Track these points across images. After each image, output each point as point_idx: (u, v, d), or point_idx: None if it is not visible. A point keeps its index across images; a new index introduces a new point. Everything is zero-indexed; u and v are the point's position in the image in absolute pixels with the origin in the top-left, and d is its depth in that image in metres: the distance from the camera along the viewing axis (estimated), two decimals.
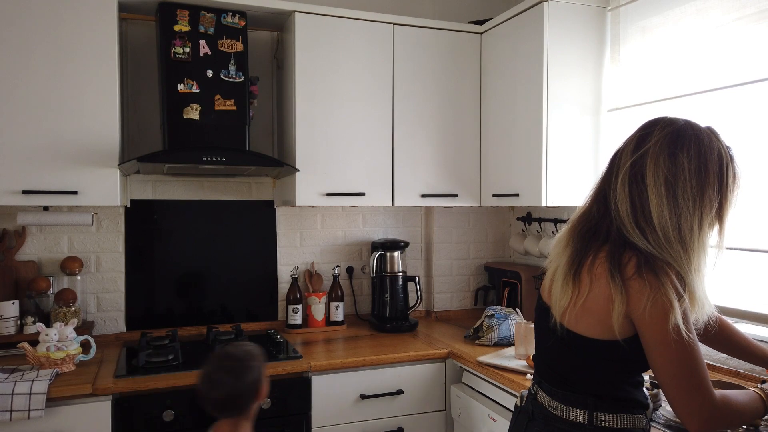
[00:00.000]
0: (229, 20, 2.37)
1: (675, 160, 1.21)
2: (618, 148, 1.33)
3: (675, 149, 1.21)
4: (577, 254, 1.28)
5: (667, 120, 1.28)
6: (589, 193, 1.36)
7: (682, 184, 1.20)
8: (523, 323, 2.21)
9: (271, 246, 2.82)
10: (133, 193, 2.61)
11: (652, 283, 1.17)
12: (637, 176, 1.23)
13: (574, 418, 1.29)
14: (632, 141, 1.28)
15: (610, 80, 2.41)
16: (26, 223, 2.32)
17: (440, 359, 2.39)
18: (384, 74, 2.59)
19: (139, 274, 2.61)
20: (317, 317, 2.76)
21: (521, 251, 2.93)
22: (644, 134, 1.27)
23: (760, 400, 1.28)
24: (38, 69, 2.10)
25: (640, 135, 1.28)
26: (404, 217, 3.08)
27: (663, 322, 1.16)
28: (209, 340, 2.40)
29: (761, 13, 1.85)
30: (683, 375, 1.17)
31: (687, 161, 1.21)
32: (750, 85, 1.88)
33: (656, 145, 1.23)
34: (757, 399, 1.28)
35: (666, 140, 1.23)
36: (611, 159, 1.33)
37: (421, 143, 2.67)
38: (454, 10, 3.05)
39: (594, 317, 1.24)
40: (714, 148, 1.24)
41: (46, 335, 2.03)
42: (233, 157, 2.23)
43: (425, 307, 3.11)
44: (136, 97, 2.57)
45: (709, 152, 1.23)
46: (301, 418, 2.19)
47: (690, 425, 1.18)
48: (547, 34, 2.32)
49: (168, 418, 2.00)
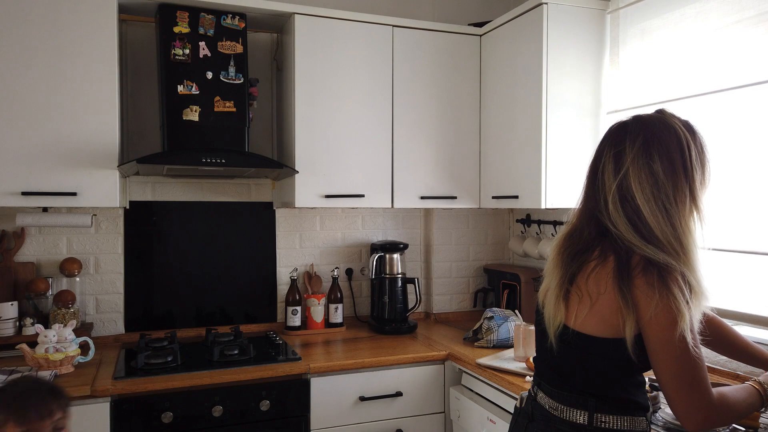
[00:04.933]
0: (229, 22, 2.37)
1: (651, 171, 1.24)
2: (593, 165, 1.34)
3: (648, 160, 1.25)
4: (567, 274, 1.30)
5: (631, 129, 1.29)
6: (574, 213, 1.38)
7: (663, 191, 1.23)
8: (523, 325, 2.21)
9: (270, 248, 2.82)
10: (133, 195, 2.61)
11: (659, 288, 1.18)
12: (626, 197, 1.26)
13: (575, 419, 1.29)
14: (609, 161, 1.29)
15: (609, 82, 2.42)
16: (25, 224, 2.31)
17: (439, 361, 2.39)
18: (384, 76, 2.59)
19: (138, 275, 2.61)
20: (316, 319, 2.76)
21: (520, 253, 2.93)
22: (618, 152, 1.28)
23: (757, 393, 1.30)
24: (38, 70, 2.10)
25: (615, 153, 1.29)
26: (403, 219, 3.08)
27: (671, 327, 1.17)
28: (208, 342, 2.40)
29: (760, 16, 1.85)
30: (683, 374, 1.18)
31: (658, 167, 1.24)
32: (748, 88, 1.89)
33: (633, 162, 1.25)
34: (754, 393, 1.30)
35: (640, 154, 1.25)
36: (590, 179, 1.35)
37: (421, 145, 2.67)
38: (453, 12, 3.05)
39: (599, 317, 1.25)
40: (672, 134, 1.26)
41: (44, 337, 2.03)
42: (233, 159, 2.23)
43: (424, 309, 3.11)
44: (135, 98, 2.57)
45: (670, 143, 1.25)
46: (300, 420, 2.18)
47: (687, 424, 1.19)
48: (546, 36, 2.32)
49: (167, 420, 2.00)
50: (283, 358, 2.26)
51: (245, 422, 2.11)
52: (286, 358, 2.26)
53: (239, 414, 2.10)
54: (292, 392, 2.17)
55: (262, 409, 2.12)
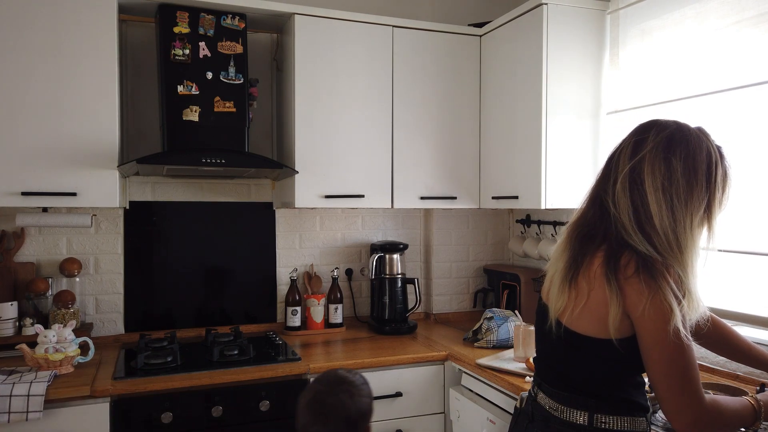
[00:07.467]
0: (229, 22, 2.37)
1: (669, 165, 1.24)
2: (613, 151, 1.35)
3: (668, 154, 1.24)
4: (573, 259, 1.30)
5: (661, 124, 1.30)
6: (585, 197, 1.38)
7: (675, 187, 1.23)
8: (522, 326, 2.21)
9: (270, 248, 2.82)
10: (133, 195, 2.61)
11: (650, 285, 1.18)
12: (636, 181, 1.26)
13: (575, 420, 1.29)
14: (628, 145, 1.30)
15: (609, 83, 2.42)
16: (25, 224, 2.31)
17: (439, 361, 2.39)
18: (383, 76, 2.59)
19: (138, 275, 2.61)
20: (316, 319, 2.76)
21: (520, 254, 2.93)
22: (639, 139, 1.29)
23: (751, 408, 1.29)
24: (38, 70, 2.10)
25: (636, 140, 1.30)
26: (403, 219, 3.08)
27: (662, 324, 1.17)
28: (208, 342, 2.40)
29: (760, 17, 1.85)
30: (675, 375, 1.19)
31: (678, 164, 1.24)
32: (748, 89, 1.89)
33: (652, 151, 1.26)
34: (748, 407, 1.29)
35: (661, 146, 1.25)
36: (607, 163, 1.35)
37: (421, 145, 2.67)
38: (453, 13, 3.05)
39: (594, 316, 1.25)
40: (703, 147, 1.27)
41: (44, 337, 2.03)
42: (232, 159, 2.23)
43: (424, 310, 3.11)
44: (135, 98, 2.57)
45: (698, 152, 1.25)
46: None
47: (677, 424, 1.20)
48: (546, 36, 2.33)
49: (167, 420, 2.00)
50: (283, 359, 2.26)
51: (245, 422, 2.11)
52: (286, 358, 2.26)
53: (239, 414, 2.10)
54: (292, 392, 2.17)
55: (261, 409, 2.12)
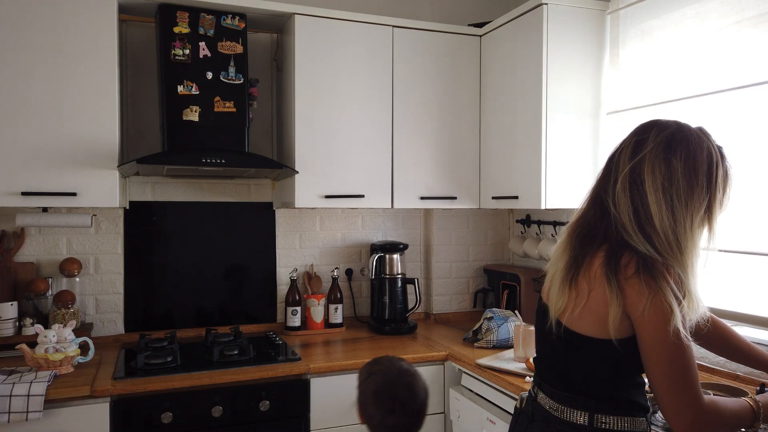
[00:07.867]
0: (229, 22, 2.37)
1: (669, 165, 1.23)
2: (613, 151, 1.35)
3: (669, 154, 1.24)
4: (574, 259, 1.30)
5: (661, 125, 1.30)
6: (585, 197, 1.38)
7: (675, 187, 1.22)
8: (522, 326, 2.21)
9: (270, 248, 2.82)
10: (133, 195, 2.61)
11: (650, 285, 1.18)
12: (636, 181, 1.25)
13: (575, 420, 1.29)
14: (628, 145, 1.30)
15: (609, 83, 2.42)
16: (25, 224, 2.31)
17: (439, 361, 2.39)
18: (383, 76, 2.59)
19: (138, 275, 2.61)
20: (316, 319, 2.76)
21: (520, 254, 2.93)
22: (640, 139, 1.29)
23: (750, 410, 1.28)
24: (38, 70, 2.10)
25: (636, 140, 1.29)
26: (403, 220, 3.08)
27: (662, 325, 1.17)
28: (208, 342, 2.40)
29: (760, 17, 1.85)
30: (675, 375, 1.18)
31: (678, 164, 1.23)
32: (748, 89, 1.89)
33: (652, 151, 1.25)
34: (747, 408, 1.28)
35: (661, 146, 1.25)
36: (607, 163, 1.35)
37: (421, 145, 2.67)
38: (453, 13, 3.05)
39: (594, 316, 1.25)
40: (704, 148, 1.26)
41: (44, 337, 2.03)
42: (232, 159, 2.23)
43: (424, 310, 3.11)
44: (135, 98, 2.57)
45: (699, 152, 1.25)
46: (300, 421, 2.18)
47: (676, 425, 1.19)
48: (546, 36, 2.33)
49: (166, 420, 2.00)
50: (283, 359, 2.25)
51: (245, 422, 2.11)
52: (286, 358, 2.26)
53: (239, 414, 2.10)
54: (291, 392, 2.17)
55: (261, 409, 2.12)
